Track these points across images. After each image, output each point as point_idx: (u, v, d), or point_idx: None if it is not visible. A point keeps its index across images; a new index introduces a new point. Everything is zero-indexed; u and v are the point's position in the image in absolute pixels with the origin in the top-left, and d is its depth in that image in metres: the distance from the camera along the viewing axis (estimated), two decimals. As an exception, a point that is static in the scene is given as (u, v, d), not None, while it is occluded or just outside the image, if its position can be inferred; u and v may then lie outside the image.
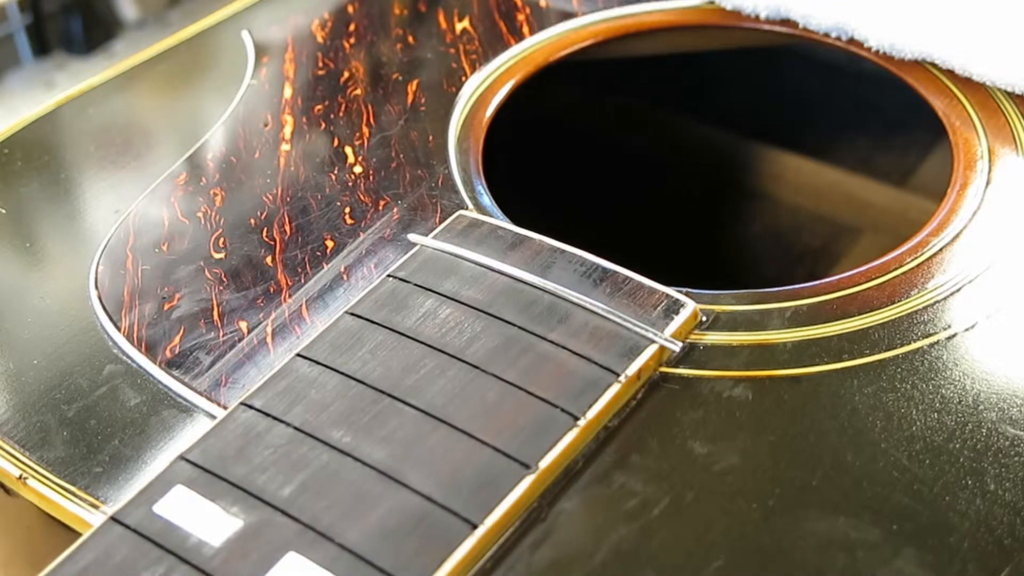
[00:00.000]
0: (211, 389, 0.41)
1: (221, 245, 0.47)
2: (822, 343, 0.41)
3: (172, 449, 0.38)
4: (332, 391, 0.38)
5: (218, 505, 0.34)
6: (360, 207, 0.49)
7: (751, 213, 0.76)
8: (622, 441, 0.37)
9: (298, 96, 0.56)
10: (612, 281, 0.42)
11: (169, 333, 0.43)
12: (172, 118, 0.58)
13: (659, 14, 0.61)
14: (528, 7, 0.62)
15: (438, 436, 0.36)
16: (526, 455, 0.35)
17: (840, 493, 0.35)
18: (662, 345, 0.39)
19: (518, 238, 0.44)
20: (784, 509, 0.35)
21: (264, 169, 0.51)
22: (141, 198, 0.50)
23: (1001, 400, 0.38)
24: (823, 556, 0.34)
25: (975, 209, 0.47)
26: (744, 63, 0.73)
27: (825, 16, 0.58)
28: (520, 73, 0.57)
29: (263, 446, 0.36)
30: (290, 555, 0.33)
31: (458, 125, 0.53)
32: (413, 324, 0.40)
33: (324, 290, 0.45)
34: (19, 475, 0.39)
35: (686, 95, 0.78)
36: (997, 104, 0.53)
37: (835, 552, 0.34)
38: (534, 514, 0.35)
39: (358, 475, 0.35)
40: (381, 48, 0.60)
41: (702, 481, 0.36)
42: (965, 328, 0.41)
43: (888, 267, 0.44)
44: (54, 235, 0.50)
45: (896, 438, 0.37)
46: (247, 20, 0.63)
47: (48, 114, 0.57)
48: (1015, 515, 0.35)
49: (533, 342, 0.39)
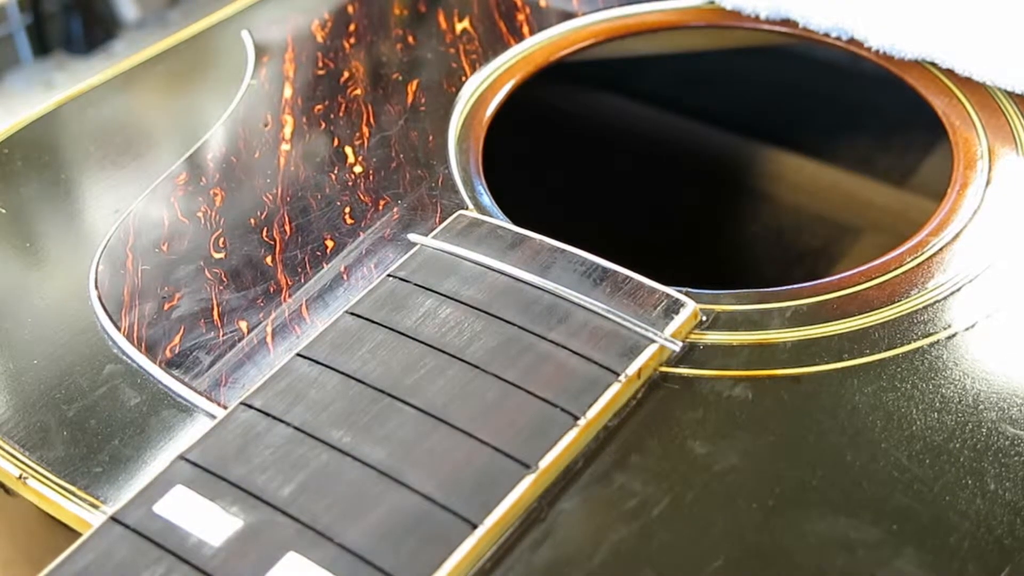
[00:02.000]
0: (211, 389, 0.41)
1: (221, 245, 0.47)
2: (822, 343, 0.41)
3: (172, 449, 0.38)
4: (332, 391, 0.38)
5: (218, 505, 0.34)
6: (360, 207, 0.49)
7: (751, 213, 0.76)
8: (622, 441, 0.37)
9: (298, 96, 0.56)
10: (612, 281, 0.42)
11: (169, 333, 0.43)
12: (172, 118, 0.58)
13: (659, 14, 0.61)
14: (528, 7, 0.62)
15: (438, 436, 0.36)
16: (526, 455, 0.35)
17: (840, 493, 0.35)
18: (662, 345, 0.39)
19: (518, 238, 0.44)
20: (784, 509, 0.35)
21: (264, 169, 0.51)
22: (141, 198, 0.50)
23: (1001, 399, 0.38)
24: (823, 556, 0.34)
25: (975, 209, 0.47)
26: (744, 63, 0.73)
27: (825, 16, 0.58)
28: (520, 73, 0.57)
29: (263, 446, 0.36)
30: (290, 555, 0.33)
31: (458, 125, 0.53)
32: (413, 324, 0.40)
33: (324, 290, 0.45)
34: (19, 475, 0.39)
35: (686, 95, 0.78)
36: (997, 104, 0.53)
37: (835, 552, 0.34)
38: (534, 514, 0.35)
39: (358, 475, 0.35)
40: (381, 48, 0.60)
41: (702, 481, 0.36)
42: (965, 328, 0.41)
43: (888, 267, 0.44)
44: (54, 235, 0.50)
45: (896, 438, 0.37)
46: (247, 20, 0.63)
47: (48, 114, 0.57)
48: (1015, 515, 0.35)
49: (533, 342, 0.39)
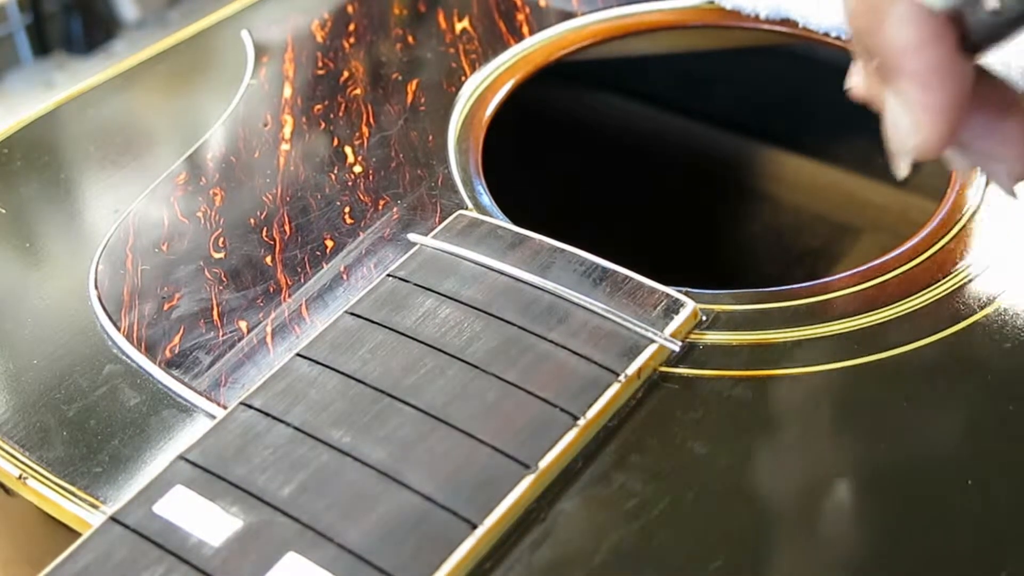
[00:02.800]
0: (211, 389, 0.41)
1: (221, 245, 0.47)
2: (822, 343, 0.40)
3: (172, 449, 0.38)
4: (332, 391, 0.38)
5: (218, 505, 0.34)
6: (360, 207, 0.49)
7: (751, 213, 0.76)
8: (622, 441, 0.37)
9: (298, 96, 0.56)
10: (612, 281, 0.42)
11: (169, 333, 0.43)
12: (172, 118, 0.58)
13: (659, 14, 0.61)
14: (528, 7, 0.62)
15: (438, 436, 0.36)
16: (526, 455, 0.35)
17: (840, 493, 0.35)
18: (662, 344, 0.39)
19: (518, 238, 0.44)
20: (784, 509, 0.35)
21: (264, 169, 0.51)
22: (141, 198, 0.50)
23: (1001, 399, 0.38)
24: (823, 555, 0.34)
25: (975, 208, 0.47)
26: (744, 63, 0.73)
27: (825, 16, 0.58)
28: (520, 73, 0.57)
29: (263, 446, 0.36)
30: (290, 555, 0.33)
31: (458, 125, 0.53)
32: (413, 324, 0.40)
33: (324, 290, 0.45)
34: (19, 475, 0.39)
35: (686, 95, 0.78)
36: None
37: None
38: (534, 514, 0.35)
39: (358, 475, 0.35)
40: (381, 48, 0.60)
41: (702, 481, 0.36)
42: (965, 327, 0.41)
43: (888, 267, 0.44)
44: (54, 235, 0.50)
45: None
46: (247, 20, 0.63)
47: (48, 114, 0.57)
48: (1015, 515, 0.35)
49: (533, 342, 0.39)
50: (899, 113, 0.32)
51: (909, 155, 0.33)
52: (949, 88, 0.31)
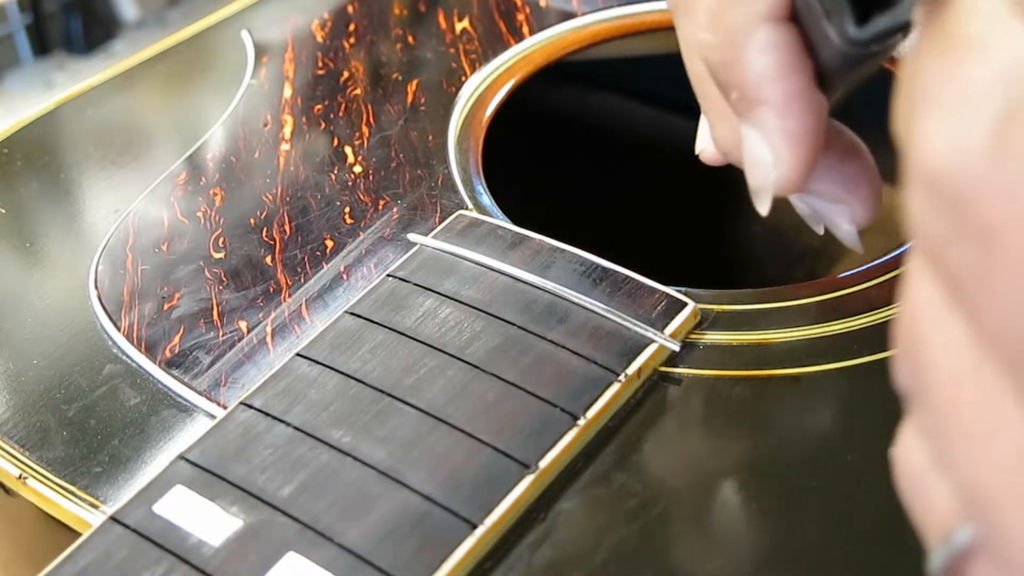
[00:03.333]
0: (211, 389, 0.41)
1: (221, 245, 0.47)
2: (822, 343, 0.40)
3: (172, 449, 0.38)
4: (332, 391, 0.38)
5: (218, 505, 0.34)
6: (360, 207, 0.49)
7: (751, 213, 0.76)
8: (622, 441, 0.37)
9: (298, 96, 0.56)
10: (612, 280, 0.42)
11: (169, 333, 0.43)
12: (172, 118, 0.58)
13: (659, 14, 0.61)
14: (528, 7, 0.62)
15: (438, 436, 0.36)
16: (526, 455, 0.35)
17: (840, 493, 0.35)
18: (662, 345, 0.39)
19: (518, 238, 0.44)
20: (784, 510, 0.35)
21: (264, 169, 0.51)
22: (141, 198, 0.50)
23: (1001, 400, 0.38)
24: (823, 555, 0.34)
25: (975, 209, 0.47)
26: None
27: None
28: (520, 73, 0.57)
29: (263, 446, 0.36)
30: (290, 555, 0.33)
31: (458, 125, 0.53)
32: (413, 324, 0.40)
33: (324, 290, 0.45)
34: (19, 475, 0.39)
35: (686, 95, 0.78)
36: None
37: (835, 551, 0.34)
38: (534, 514, 0.35)
39: (358, 475, 0.35)
40: (381, 48, 0.60)
41: (702, 481, 0.36)
42: (965, 328, 0.41)
43: (888, 267, 0.44)
44: (54, 235, 0.50)
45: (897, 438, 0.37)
46: (247, 20, 0.63)
47: (48, 114, 0.57)
48: (1015, 515, 0.35)
49: (533, 342, 0.39)
50: (759, 147, 0.32)
51: (770, 191, 0.33)
52: (808, 115, 0.31)
